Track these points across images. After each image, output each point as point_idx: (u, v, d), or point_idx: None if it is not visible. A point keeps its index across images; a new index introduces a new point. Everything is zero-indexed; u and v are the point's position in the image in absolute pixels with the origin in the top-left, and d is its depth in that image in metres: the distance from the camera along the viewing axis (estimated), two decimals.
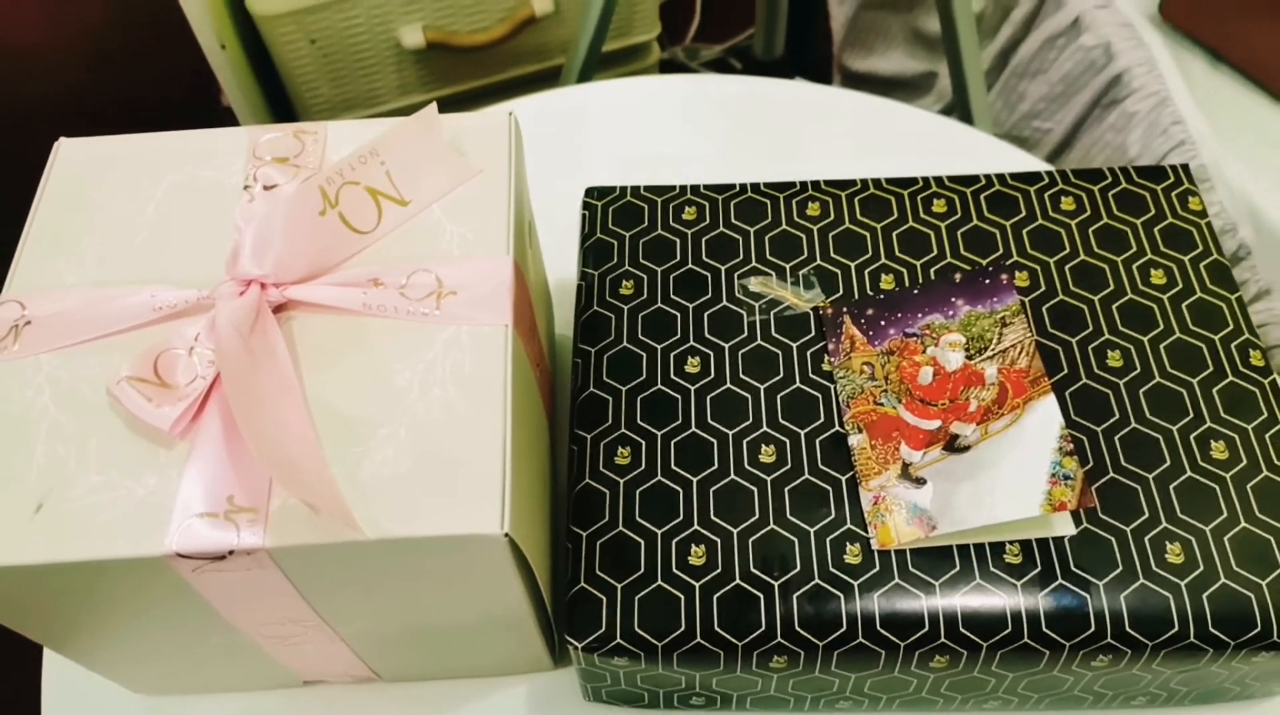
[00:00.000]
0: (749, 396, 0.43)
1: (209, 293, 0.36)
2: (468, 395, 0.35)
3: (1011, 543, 0.39)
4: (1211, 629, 0.37)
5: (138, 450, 0.34)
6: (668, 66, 1.40)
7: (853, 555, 0.39)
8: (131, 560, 0.32)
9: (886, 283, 0.46)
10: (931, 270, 0.46)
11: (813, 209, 0.49)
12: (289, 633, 0.38)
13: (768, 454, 0.41)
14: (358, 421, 0.34)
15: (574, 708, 0.45)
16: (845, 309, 0.45)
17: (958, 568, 0.38)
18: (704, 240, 0.48)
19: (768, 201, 0.49)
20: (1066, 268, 0.46)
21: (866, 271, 0.46)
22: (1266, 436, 0.41)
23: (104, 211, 0.40)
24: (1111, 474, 0.40)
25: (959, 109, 0.92)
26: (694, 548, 0.39)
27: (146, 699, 0.45)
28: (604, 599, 0.38)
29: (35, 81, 1.43)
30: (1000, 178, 0.50)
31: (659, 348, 0.45)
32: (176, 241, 0.38)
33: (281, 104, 1.07)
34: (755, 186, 0.50)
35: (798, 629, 0.38)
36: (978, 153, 0.66)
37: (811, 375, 0.43)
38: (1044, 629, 0.37)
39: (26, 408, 0.35)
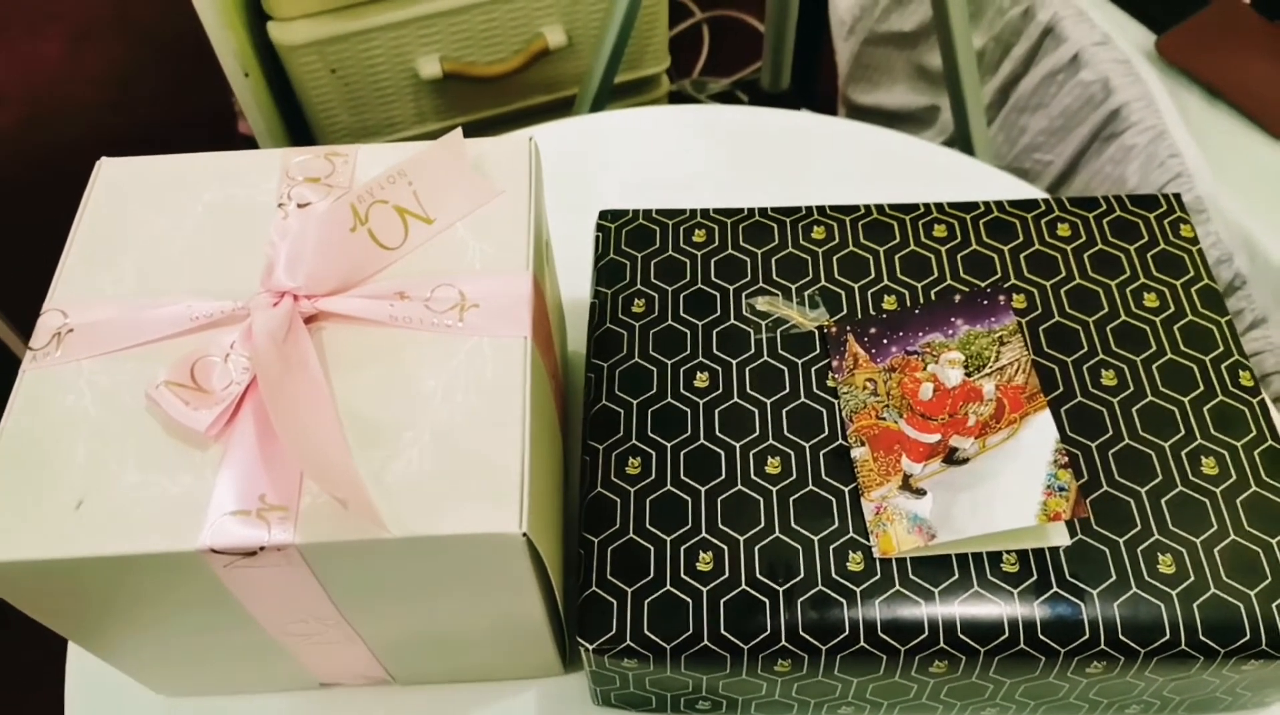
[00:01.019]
0: (755, 410, 0.45)
1: (244, 303, 0.38)
2: (488, 402, 0.36)
3: (1009, 552, 0.40)
4: (1202, 637, 0.39)
5: (174, 451, 0.35)
6: (676, 98, 1.43)
7: (855, 563, 0.40)
8: (167, 555, 0.33)
9: (889, 303, 0.48)
10: (932, 292, 0.48)
11: (818, 232, 0.51)
12: (311, 631, 0.39)
13: (773, 465, 0.43)
14: (384, 426, 0.36)
15: (583, 711, 0.46)
16: (849, 328, 0.47)
17: (956, 576, 0.40)
18: (713, 261, 0.50)
19: (775, 225, 0.51)
20: (1062, 291, 0.48)
21: (869, 292, 0.48)
22: (1255, 453, 0.43)
23: (143, 227, 0.42)
24: (1105, 488, 0.42)
25: (960, 142, 0.94)
26: (702, 554, 0.41)
27: (166, 700, 0.47)
28: (614, 603, 0.40)
29: (58, 116, 1.47)
30: (999, 205, 0.51)
31: (669, 363, 0.46)
32: (212, 255, 0.40)
33: (301, 131, 1.10)
34: (763, 210, 0.52)
35: (802, 633, 0.39)
36: (978, 182, 0.68)
37: (816, 391, 0.45)
38: (1040, 636, 0.39)
39: (68, 410, 0.36)
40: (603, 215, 0.52)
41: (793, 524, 0.41)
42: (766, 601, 0.40)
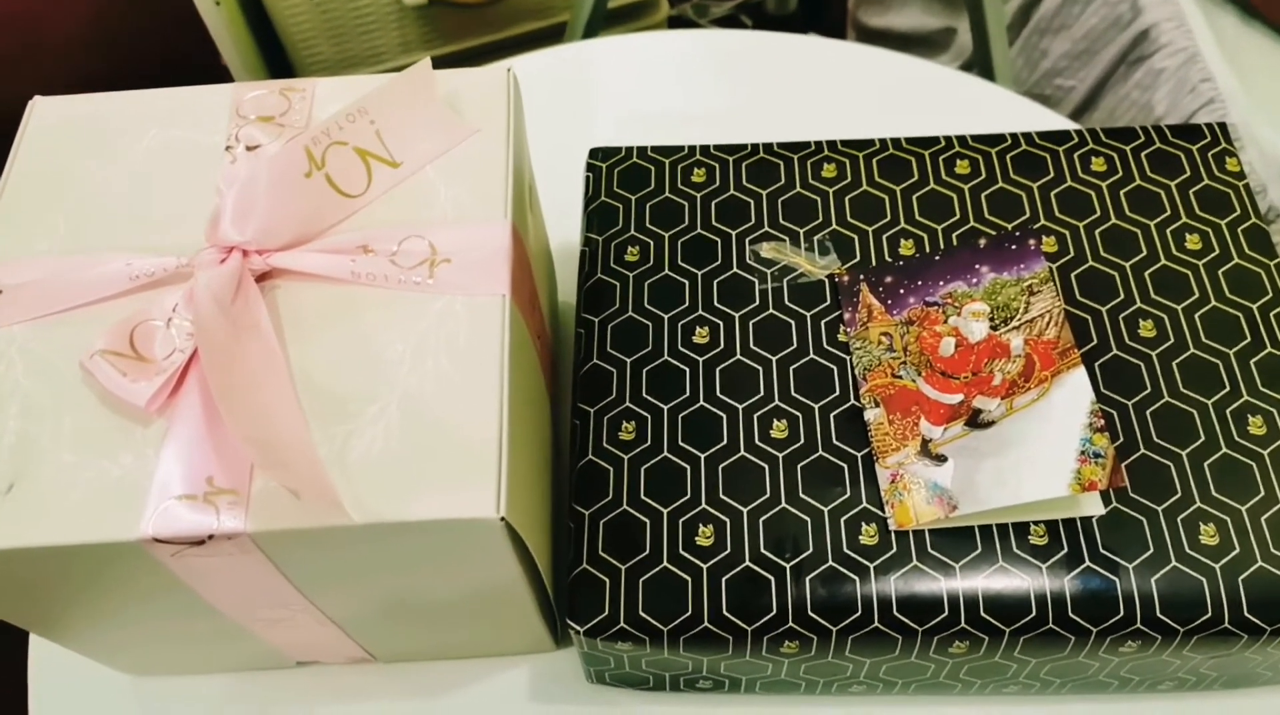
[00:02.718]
0: (760, 369, 0.41)
1: (188, 260, 0.34)
2: (463, 370, 0.33)
3: (1037, 523, 0.37)
4: (1247, 614, 0.35)
5: (113, 428, 0.32)
6: (676, 23, 1.36)
7: (869, 536, 0.37)
8: (107, 545, 0.30)
9: (906, 248, 0.44)
10: (954, 235, 0.44)
11: (828, 170, 0.46)
12: (278, 616, 0.36)
13: (779, 429, 0.39)
14: (345, 398, 0.32)
15: (576, 689, 0.43)
16: (862, 276, 0.43)
17: (979, 549, 0.37)
18: (713, 204, 0.46)
19: (781, 163, 0.47)
20: (1097, 232, 0.44)
21: (885, 236, 0.44)
22: None
23: (79, 175, 0.37)
24: (1143, 450, 0.38)
25: (979, 65, 0.89)
26: (702, 528, 0.37)
27: (135, 678, 0.44)
28: (607, 581, 0.37)
29: (33, 50, 1.41)
30: (1027, 137, 0.47)
31: (666, 317, 0.42)
32: (154, 206, 0.36)
33: (280, 64, 1.05)
34: (768, 147, 0.47)
35: (810, 613, 0.36)
36: (1001, 111, 0.63)
37: (826, 346, 0.41)
38: (1070, 614, 0.36)
39: None
40: (593, 154, 0.48)
41: (801, 494, 0.38)
42: (772, 579, 0.36)
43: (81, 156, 0.38)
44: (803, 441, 0.39)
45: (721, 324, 0.42)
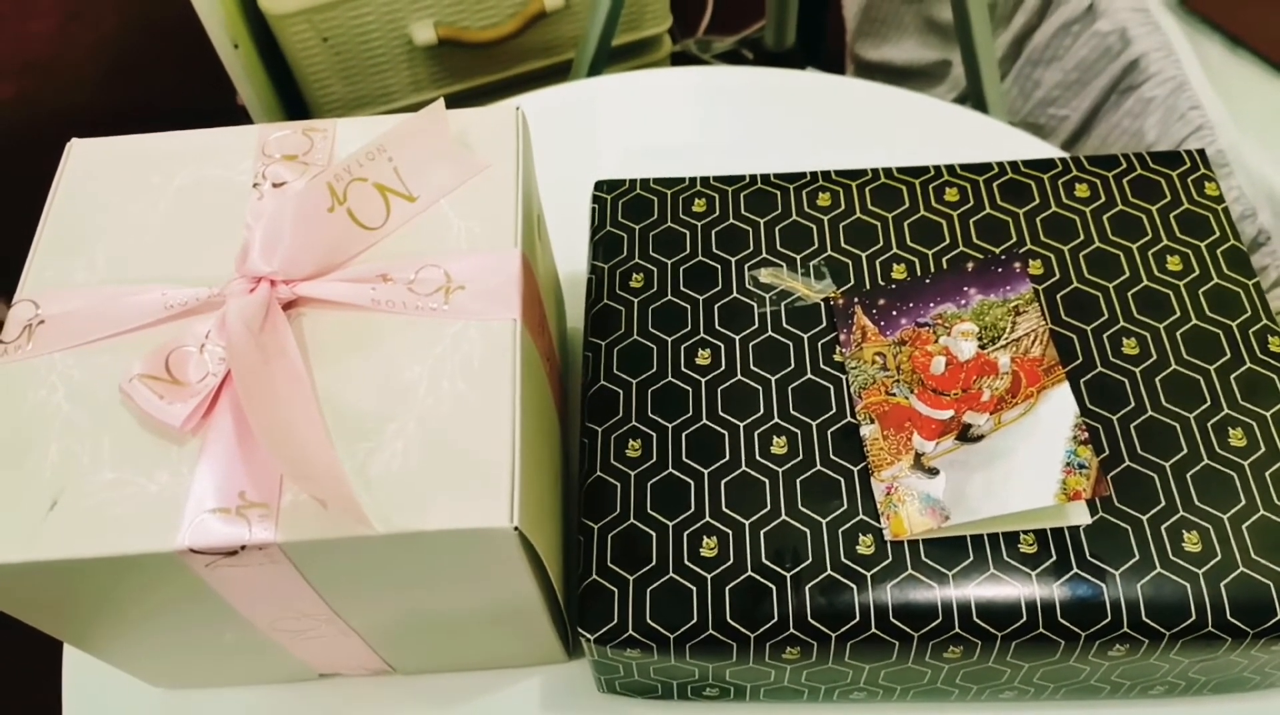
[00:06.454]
0: (760, 388, 0.43)
1: (219, 290, 0.36)
2: (477, 389, 0.35)
3: (1026, 532, 0.38)
4: (1230, 618, 0.37)
5: (150, 447, 0.34)
6: (679, 59, 1.40)
7: (865, 546, 0.39)
8: (145, 556, 0.32)
9: (898, 272, 0.46)
10: (944, 259, 0.46)
11: (823, 199, 0.49)
12: (303, 627, 0.38)
13: (779, 445, 0.41)
14: (367, 416, 0.34)
15: (588, 699, 0.45)
16: (856, 299, 0.45)
17: (971, 558, 0.38)
18: (714, 232, 0.48)
19: (778, 192, 0.49)
20: (1081, 255, 0.46)
21: (878, 261, 0.46)
22: None
23: (115, 211, 0.40)
24: (1128, 462, 0.40)
25: (973, 97, 0.91)
26: (706, 540, 0.39)
27: (164, 691, 0.46)
28: (616, 591, 0.38)
29: (53, 92, 1.45)
30: (1013, 165, 0.49)
31: (669, 340, 0.45)
32: (187, 240, 0.39)
33: (295, 102, 1.08)
34: (765, 177, 0.50)
35: (810, 620, 0.37)
36: (992, 141, 0.65)
37: (823, 366, 0.43)
38: (1059, 619, 0.37)
39: (40, 406, 0.35)
40: (598, 186, 0.50)
41: (800, 506, 0.40)
42: (773, 588, 0.38)
43: (117, 194, 0.40)
44: (801, 457, 0.41)
45: (723, 346, 0.44)
